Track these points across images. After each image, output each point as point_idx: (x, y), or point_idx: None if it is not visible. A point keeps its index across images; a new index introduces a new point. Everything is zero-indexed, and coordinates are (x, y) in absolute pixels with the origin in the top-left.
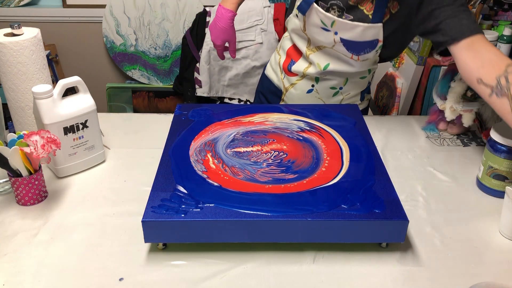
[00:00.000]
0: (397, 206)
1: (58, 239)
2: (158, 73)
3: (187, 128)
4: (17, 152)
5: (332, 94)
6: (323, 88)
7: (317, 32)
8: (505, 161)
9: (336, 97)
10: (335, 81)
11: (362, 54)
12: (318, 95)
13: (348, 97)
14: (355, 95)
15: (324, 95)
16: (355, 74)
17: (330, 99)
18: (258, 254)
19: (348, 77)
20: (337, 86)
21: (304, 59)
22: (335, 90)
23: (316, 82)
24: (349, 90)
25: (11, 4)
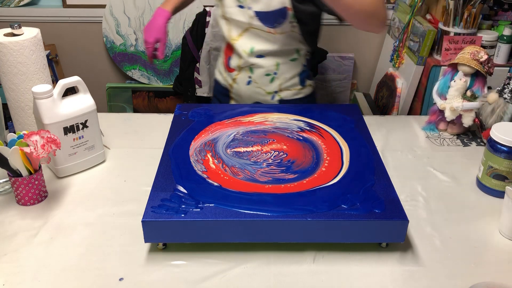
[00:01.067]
0: (397, 206)
1: (58, 239)
2: (158, 73)
3: (187, 128)
4: (17, 152)
5: (269, 81)
6: (259, 77)
7: (235, 12)
8: (505, 161)
9: (273, 83)
10: (267, 67)
11: (277, 26)
12: (257, 85)
13: (285, 81)
14: (292, 78)
15: (262, 83)
16: (282, 55)
17: (268, 86)
18: (258, 254)
19: (278, 61)
20: (271, 72)
21: (236, 53)
22: (271, 76)
23: (251, 72)
24: (283, 73)
25: (11, 4)
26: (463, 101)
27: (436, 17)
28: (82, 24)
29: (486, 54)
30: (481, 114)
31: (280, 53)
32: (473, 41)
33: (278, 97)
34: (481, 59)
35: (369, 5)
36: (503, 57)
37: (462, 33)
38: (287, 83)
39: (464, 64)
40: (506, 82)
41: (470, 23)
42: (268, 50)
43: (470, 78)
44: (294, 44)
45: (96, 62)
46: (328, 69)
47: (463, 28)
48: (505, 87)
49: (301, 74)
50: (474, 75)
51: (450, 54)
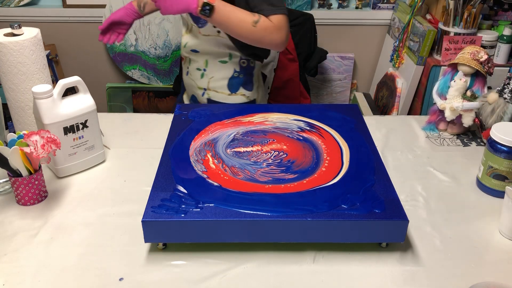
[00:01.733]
0: (397, 206)
1: (58, 239)
2: (158, 73)
3: (187, 128)
4: (17, 152)
5: (199, 76)
6: (193, 70)
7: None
8: (505, 161)
9: (203, 79)
10: (198, 62)
11: (201, 26)
12: (191, 77)
13: (213, 81)
14: (220, 80)
15: (195, 77)
16: (211, 54)
17: (199, 81)
18: (258, 254)
19: (207, 59)
20: (201, 67)
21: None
22: (201, 72)
23: (189, 64)
24: (212, 73)
25: (11, 4)
26: (463, 101)
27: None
28: (82, 24)
29: (486, 54)
30: (481, 114)
31: (210, 51)
32: (473, 41)
33: (207, 95)
34: (481, 59)
35: (251, 35)
36: (503, 57)
37: (462, 33)
38: (215, 83)
39: (464, 64)
40: (506, 82)
41: (470, 23)
42: (198, 45)
43: (470, 78)
44: (223, 48)
45: (96, 62)
46: (328, 69)
47: (463, 28)
48: (505, 87)
49: (232, 80)
50: (474, 75)
51: (450, 54)
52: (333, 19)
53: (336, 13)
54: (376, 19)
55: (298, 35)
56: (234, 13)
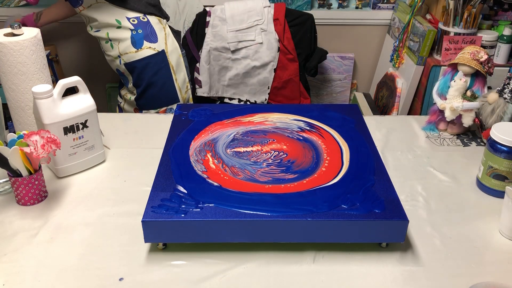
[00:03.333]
0: (397, 206)
1: (58, 239)
2: None
3: (187, 128)
4: (17, 152)
5: (110, 47)
6: (104, 45)
7: None
8: (505, 161)
9: (114, 48)
10: (102, 36)
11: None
12: (107, 53)
13: (120, 46)
14: (124, 41)
15: (107, 50)
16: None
17: (111, 51)
18: (258, 254)
19: (107, 31)
20: (106, 39)
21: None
22: (109, 43)
23: (100, 43)
24: (116, 40)
25: (11, 4)
26: (463, 101)
27: (436, 17)
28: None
29: (486, 54)
30: (481, 114)
31: (105, 24)
32: (473, 41)
33: (123, 61)
34: (481, 59)
35: None
36: (503, 57)
37: (462, 33)
38: (122, 46)
39: (464, 64)
40: (506, 82)
41: (470, 23)
42: (96, 24)
43: (470, 78)
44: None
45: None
46: (328, 69)
47: (463, 28)
48: (505, 87)
49: (132, 38)
50: (474, 75)
51: (450, 54)
52: (333, 19)
53: (336, 13)
54: (376, 19)
55: (298, 35)
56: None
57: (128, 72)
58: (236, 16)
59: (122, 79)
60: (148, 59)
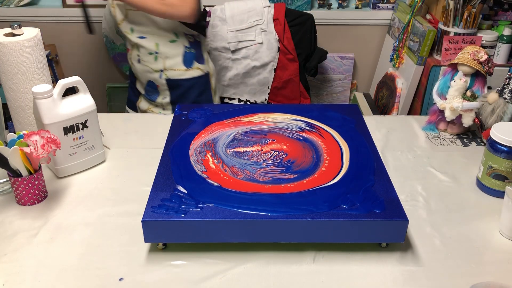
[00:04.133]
0: (397, 206)
1: (58, 239)
2: None
3: (187, 128)
4: (17, 152)
5: (153, 59)
6: (144, 55)
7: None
8: (505, 161)
9: (158, 61)
10: (148, 47)
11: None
12: (145, 63)
13: (168, 61)
14: (175, 57)
15: (148, 62)
16: (160, 36)
17: (154, 64)
18: (258, 254)
19: (157, 42)
20: (152, 51)
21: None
22: (154, 55)
23: (138, 51)
24: (165, 53)
25: (11, 4)
26: (463, 101)
27: (436, 17)
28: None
29: (486, 54)
30: (481, 114)
31: (158, 34)
32: (473, 41)
33: (165, 76)
34: (481, 59)
35: (156, 11)
36: (503, 57)
37: (462, 33)
38: (171, 62)
39: (464, 64)
40: (506, 82)
41: (470, 23)
42: (146, 30)
43: (470, 78)
44: (169, 25)
45: (96, 62)
46: (328, 69)
47: (463, 28)
48: (505, 87)
49: (185, 56)
50: (474, 75)
51: (450, 54)
52: (333, 19)
53: (336, 13)
54: (376, 19)
55: (298, 35)
56: None
57: (168, 88)
58: (236, 16)
59: (150, 91)
60: (196, 80)
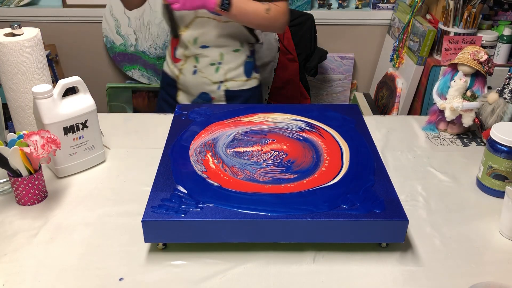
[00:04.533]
0: (397, 206)
1: (58, 239)
2: (158, 73)
3: (187, 128)
4: (17, 152)
5: (214, 70)
6: (204, 66)
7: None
8: (505, 161)
9: (219, 72)
10: (212, 57)
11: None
12: (203, 74)
13: (230, 71)
14: (236, 68)
15: (208, 73)
16: (225, 45)
17: (214, 75)
18: (258, 254)
19: (222, 51)
20: (215, 61)
21: (181, 43)
22: (215, 66)
23: (197, 62)
24: (228, 63)
25: (11, 4)
26: (463, 101)
27: (436, 17)
28: (82, 24)
29: (486, 54)
30: (481, 114)
31: (223, 43)
32: (473, 41)
33: (224, 87)
34: (481, 59)
35: (264, 22)
36: (503, 57)
37: (462, 33)
38: (232, 73)
39: (464, 64)
40: (506, 82)
41: (470, 23)
42: (211, 40)
43: (470, 78)
44: (237, 34)
45: (96, 62)
46: (328, 69)
47: (463, 28)
48: (505, 87)
49: (246, 65)
50: (474, 75)
51: (450, 54)
52: (333, 19)
53: (336, 13)
54: (376, 19)
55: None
56: (248, 4)
57: (225, 99)
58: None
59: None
60: (253, 90)
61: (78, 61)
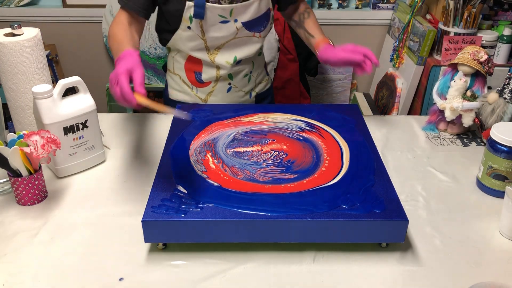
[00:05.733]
0: (397, 206)
1: (58, 239)
2: (158, 73)
3: (187, 128)
4: (17, 152)
5: (247, 81)
6: (238, 81)
7: (217, 29)
8: (505, 161)
9: (250, 81)
10: (246, 69)
11: (262, 30)
12: (237, 89)
13: (258, 76)
14: (261, 71)
15: (241, 86)
16: (254, 57)
17: (246, 86)
18: (258, 254)
19: (253, 60)
20: (248, 71)
21: (209, 65)
22: (248, 77)
23: (231, 79)
24: (256, 70)
25: (11, 4)
26: (463, 101)
27: (436, 17)
28: (82, 24)
29: (486, 54)
30: (481, 114)
31: (254, 54)
32: (473, 41)
33: (254, 93)
34: (481, 59)
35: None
36: (503, 57)
37: (462, 33)
38: (259, 77)
39: (464, 64)
40: (506, 82)
41: (470, 23)
42: (251, 54)
43: (470, 78)
44: (258, 43)
45: (96, 62)
46: (328, 69)
47: (463, 28)
48: (505, 87)
49: (264, 64)
50: (474, 75)
51: (450, 54)
52: (333, 19)
53: (336, 13)
54: (376, 19)
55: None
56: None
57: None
58: None
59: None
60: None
61: (78, 61)
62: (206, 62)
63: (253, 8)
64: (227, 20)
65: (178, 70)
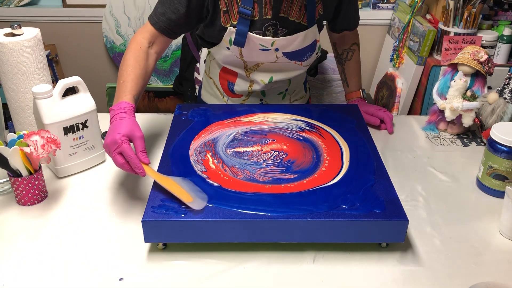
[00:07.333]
0: (397, 206)
1: (58, 239)
2: (158, 73)
3: (187, 128)
4: (17, 152)
5: (281, 98)
6: (271, 97)
7: (256, 55)
8: (505, 161)
9: (285, 99)
10: (281, 87)
11: (305, 60)
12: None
13: (294, 94)
14: (300, 90)
15: (274, 101)
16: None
17: (280, 102)
18: (258, 254)
19: (289, 78)
20: (283, 89)
21: (243, 79)
22: (282, 94)
23: (263, 95)
24: (293, 88)
25: (11, 4)
26: (463, 101)
27: (436, 17)
28: (82, 24)
29: (486, 54)
30: (481, 114)
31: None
32: (473, 41)
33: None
34: (481, 59)
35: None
36: (503, 57)
37: (462, 33)
38: (296, 95)
39: (464, 64)
40: (506, 82)
41: (470, 23)
42: (289, 78)
43: (470, 78)
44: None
45: (96, 62)
46: (328, 69)
47: (463, 28)
48: (505, 87)
49: (305, 82)
50: (474, 75)
51: (450, 54)
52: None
53: None
54: (376, 19)
55: None
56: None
57: None
58: None
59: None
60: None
61: (78, 61)
62: (241, 76)
63: (298, 41)
64: (268, 49)
65: (213, 75)
